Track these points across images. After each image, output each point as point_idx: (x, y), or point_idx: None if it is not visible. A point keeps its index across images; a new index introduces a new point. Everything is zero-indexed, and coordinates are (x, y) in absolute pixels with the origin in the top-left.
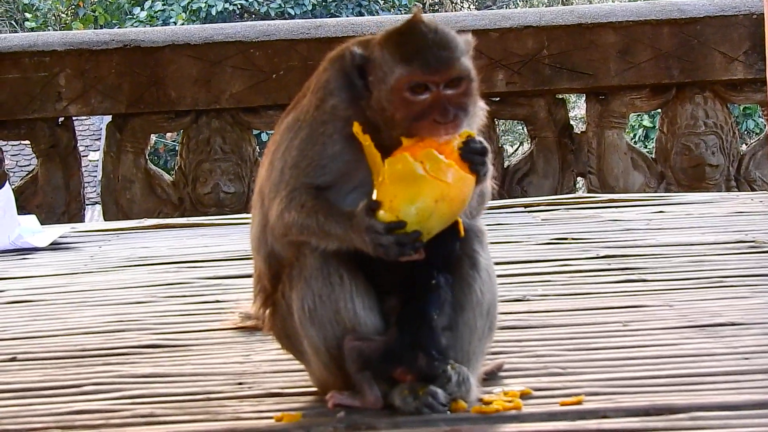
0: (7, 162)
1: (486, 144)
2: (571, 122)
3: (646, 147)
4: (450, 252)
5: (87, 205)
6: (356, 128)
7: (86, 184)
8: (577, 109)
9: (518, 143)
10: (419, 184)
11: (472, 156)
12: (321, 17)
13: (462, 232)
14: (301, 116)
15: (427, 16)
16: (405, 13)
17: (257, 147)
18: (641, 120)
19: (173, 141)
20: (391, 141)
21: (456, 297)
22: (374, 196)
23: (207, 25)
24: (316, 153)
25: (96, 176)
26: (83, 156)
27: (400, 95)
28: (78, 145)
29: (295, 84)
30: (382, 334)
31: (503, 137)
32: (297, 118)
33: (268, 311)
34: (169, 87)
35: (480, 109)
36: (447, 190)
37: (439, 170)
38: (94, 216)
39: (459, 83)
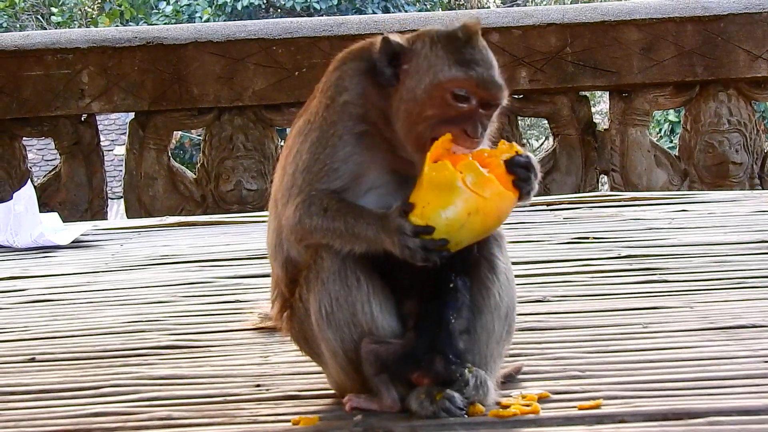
0: (32, 156)
1: (534, 161)
2: (595, 117)
3: (671, 141)
4: (468, 255)
5: (112, 199)
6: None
7: (112, 179)
8: (603, 103)
9: (543, 138)
10: (454, 195)
11: (517, 169)
12: (346, 12)
13: None
14: (311, 118)
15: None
16: (429, 9)
17: (280, 144)
18: (666, 115)
19: (198, 135)
20: (404, 146)
21: (474, 300)
22: (410, 199)
23: (230, 22)
24: (327, 156)
25: (121, 171)
26: (108, 150)
27: (442, 94)
28: (101, 141)
29: (318, 81)
30: (400, 338)
31: (528, 131)
32: (307, 121)
33: (286, 313)
34: (192, 84)
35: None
36: (482, 204)
37: (477, 183)
38: (119, 210)
39: (492, 107)
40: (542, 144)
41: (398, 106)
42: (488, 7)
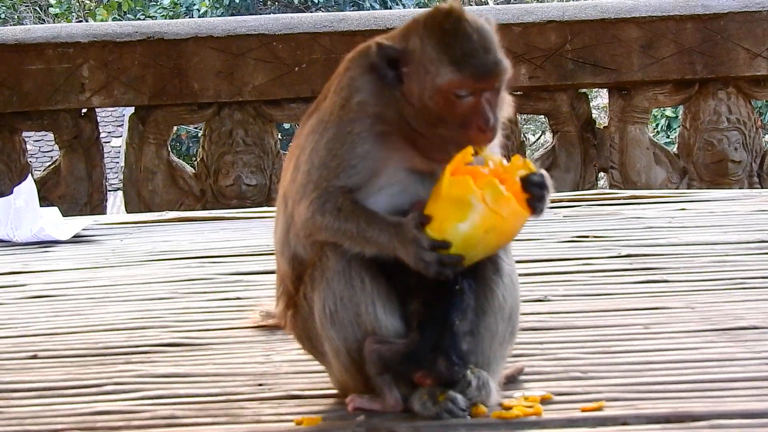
0: (29, 147)
1: (548, 180)
2: (593, 112)
3: (668, 137)
4: None
5: (108, 191)
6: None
7: (108, 170)
8: (600, 98)
9: (540, 132)
10: (474, 212)
11: (533, 189)
12: (344, 5)
13: None
14: (326, 117)
15: (466, 11)
16: (428, 1)
17: (279, 139)
18: (663, 110)
19: (196, 128)
20: (424, 140)
21: (478, 301)
22: (426, 210)
23: (230, 17)
24: (345, 152)
25: (118, 162)
26: (105, 142)
27: (445, 97)
28: (100, 134)
29: (318, 77)
30: (403, 338)
31: (525, 126)
32: (321, 120)
33: (289, 312)
34: (192, 79)
35: (506, 100)
36: (499, 223)
37: (497, 202)
38: (116, 202)
39: (499, 89)
40: (538, 139)
41: (410, 109)
42: (487, 3)
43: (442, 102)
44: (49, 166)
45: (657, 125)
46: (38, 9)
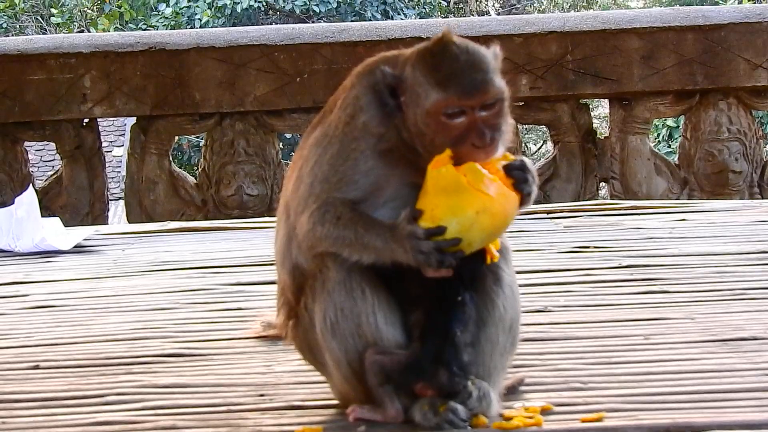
0: (31, 157)
1: (528, 163)
2: (594, 122)
3: (669, 147)
4: (477, 269)
5: (110, 200)
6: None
7: (110, 180)
8: (601, 108)
9: (541, 141)
10: (461, 195)
11: (515, 172)
12: (345, 15)
13: (495, 258)
14: (330, 131)
15: (456, 35)
16: (429, 11)
17: (281, 149)
18: (664, 120)
19: (197, 138)
20: (426, 161)
21: (479, 312)
22: (417, 206)
23: (232, 28)
24: (347, 168)
25: (119, 172)
26: (107, 152)
27: (436, 119)
28: (102, 144)
29: (320, 87)
30: (404, 349)
31: (526, 135)
32: (326, 134)
33: (291, 322)
34: (194, 89)
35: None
36: (489, 203)
37: (481, 183)
38: (117, 211)
39: (493, 105)
40: (539, 148)
41: (409, 134)
42: (487, 12)
43: (434, 125)
44: (51, 176)
45: (658, 135)
46: (40, 18)
